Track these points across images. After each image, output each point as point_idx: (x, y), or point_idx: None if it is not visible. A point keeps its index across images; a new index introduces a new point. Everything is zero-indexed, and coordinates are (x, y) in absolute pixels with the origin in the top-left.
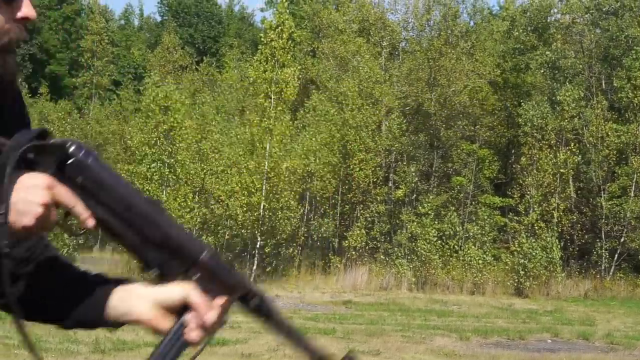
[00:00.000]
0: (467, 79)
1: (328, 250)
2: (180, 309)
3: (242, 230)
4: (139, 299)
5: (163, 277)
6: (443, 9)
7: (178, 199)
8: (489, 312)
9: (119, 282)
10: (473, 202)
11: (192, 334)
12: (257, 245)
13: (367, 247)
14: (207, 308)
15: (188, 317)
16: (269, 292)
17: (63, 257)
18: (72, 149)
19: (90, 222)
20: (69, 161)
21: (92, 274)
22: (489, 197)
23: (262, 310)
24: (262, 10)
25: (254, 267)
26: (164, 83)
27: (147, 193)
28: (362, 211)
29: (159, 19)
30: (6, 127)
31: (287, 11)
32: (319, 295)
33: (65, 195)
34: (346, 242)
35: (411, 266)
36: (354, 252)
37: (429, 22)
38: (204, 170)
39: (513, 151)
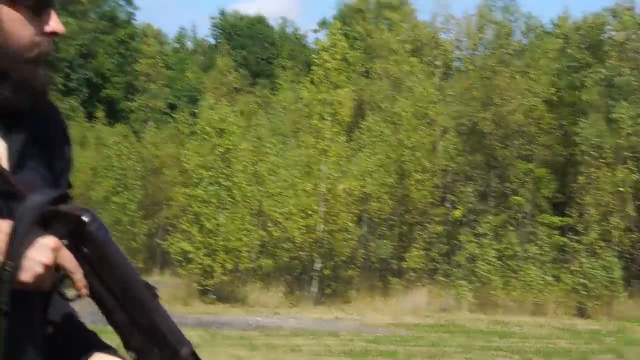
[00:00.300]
0: (521, 98)
1: (387, 271)
2: None
3: (300, 253)
4: None
5: None
6: (496, 28)
7: (236, 222)
8: (550, 333)
9: (102, 348)
10: (532, 222)
11: None
12: (316, 268)
13: (426, 268)
14: None
15: None
16: (329, 314)
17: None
18: (85, 219)
19: (84, 292)
20: (80, 230)
21: (88, 333)
22: (548, 216)
23: None
24: (315, 31)
25: (313, 289)
26: (219, 106)
27: (205, 216)
28: (420, 232)
29: (212, 41)
30: (48, 142)
31: (340, 32)
32: (379, 317)
33: (69, 260)
34: (405, 263)
35: (471, 287)
36: (413, 274)
37: (482, 41)
38: (261, 193)
39: (571, 170)
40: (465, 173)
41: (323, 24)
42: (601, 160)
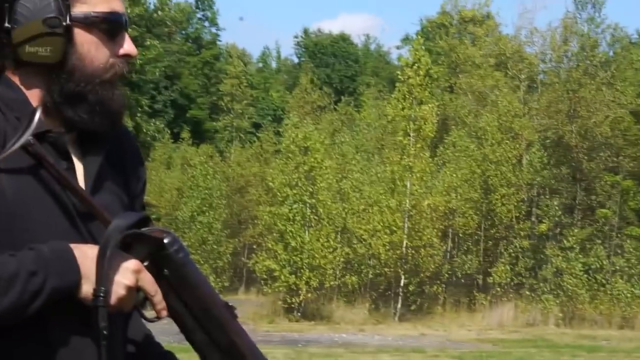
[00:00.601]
0: (607, 110)
1: (473, 287)
2: None
3: (385, 269)
4: None
5: None
6: (581, 39)
7: (321, 239)
8: (639, 347)
9: None
10: (619, 235)
11: None
12: (401, 284)
13: (512, 283)
14: None
15: None
16: (414, 330)
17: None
18: (167, 240)
19: (164, 314)
20: (161, 252)
21: (167, 353)
22: (635, 228)
23: None
24: (398, 47)
25: (399, 305)
26: (303, 124)
27: (290, 234)
28: (505, 247)
29: (296, 60)
30: (123, 164)
31: (423, 48)
32: (464, 333)
33: (149, 283)
34: (491, 278)
35: (558, 301)
36: (499, 289)
37: (567, 54)
38: (346, 210)
39: None
40: (550, 186)
41: (406, 40)
42: None
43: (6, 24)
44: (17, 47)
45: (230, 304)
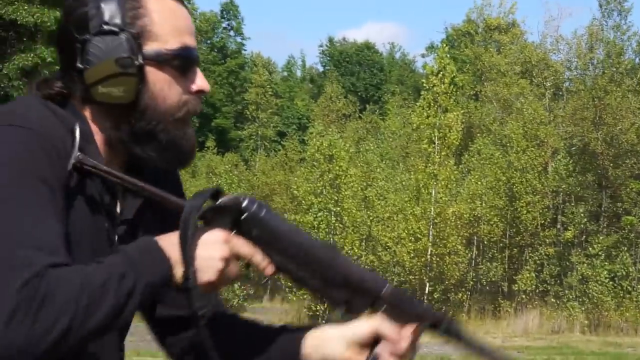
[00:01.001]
0: (633, 117)
1: (497, 294)
2: (372, 343)
3: (410, 277)
4: (331, 341)
5: (350, 314)
6: (607, 47)
7: (345, 247)
8: None
9: (305, 329)
10: None
11: None
12: (426, 291)
13: (537, 290)
14: (398, 338)
15: (380, 349)
16: (439, 337)
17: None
18: (244, 203)
19: (270, 270)
20: (243, 216)
21: (277, 325)
22: None
23: (452, 333)
24: (422, 56)
25: None
26: (328, 132)
27: None
28: (530, 254)
29: (321, 69)
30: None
31: (448, 56)
32: (490, 340)
33: (243, 246)
34: (516, 285)
35: (583, 308)
36: (524, 296)
37: (592, 61)
38: (370, 218)
39: None
40: (576, 194)
41: (431, 48)
42: None
43: (78, 64)
44: (90, 87)
45: (325, 241)
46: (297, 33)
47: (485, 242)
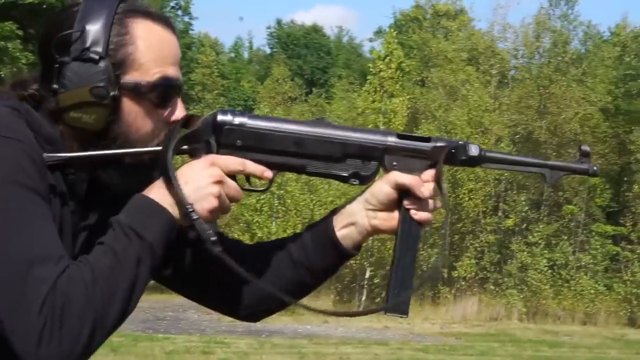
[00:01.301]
0: (577, 106)
1: (437, 280)
2: (399, 199)
3: (351, 261)
4: (358, 214)
5: (365, 181)
6: (553, 36)
7: (287, 230)
8: (601, 343)
9: (328, 217)
10: (584, 231)
11: (419, 213)
12: (366, 276)
13: (476, 277)
14: (420, 183)
15: (407, 200)
16: (378, 323)
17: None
18: (218, 118)
19: (268, 173)
20: (222, 131)
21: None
22: (601, 225)
23: (471, 159)
24: (370, 40)
25: (363, 297)
26: (274, 114)
27: (257, 224)
28: (471, 241)
29: (268, 51)
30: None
31: (396, 41)
32: (428, 326)
33: (231, 162)
34: (456, 272)
35: (521, 296)
36: (463, 283)
37: (539, 50)
38: (314, 202)
39: (625, 179)
40: (518, 182)
41: (379, 32)
42: None
43: (54, 85)
44: (62, 110)
45: (317, 117)
46: (245, 15)
47: (427, 228)
